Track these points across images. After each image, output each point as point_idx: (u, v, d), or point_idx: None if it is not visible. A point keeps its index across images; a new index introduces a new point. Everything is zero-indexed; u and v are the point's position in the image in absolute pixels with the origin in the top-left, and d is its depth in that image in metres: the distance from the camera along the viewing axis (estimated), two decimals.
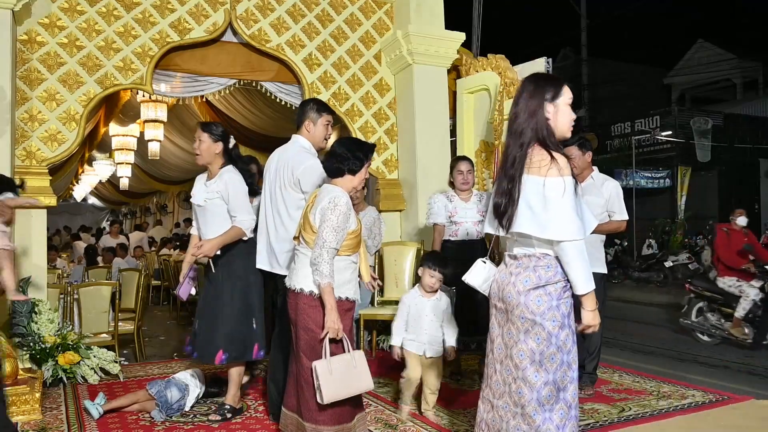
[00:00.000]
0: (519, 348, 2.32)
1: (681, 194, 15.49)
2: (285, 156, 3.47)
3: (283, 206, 3.42)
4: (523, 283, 2.32)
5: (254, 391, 4.22)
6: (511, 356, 2.34)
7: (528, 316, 2.29)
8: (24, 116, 4.51)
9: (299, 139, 3.51)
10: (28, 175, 4.45)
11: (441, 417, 3.59)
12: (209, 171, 3.67)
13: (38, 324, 4.22)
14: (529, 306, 2.29)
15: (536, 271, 2.31)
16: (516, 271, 2.36)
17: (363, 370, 2.81)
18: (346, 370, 2.76)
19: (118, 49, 4.79)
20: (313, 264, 2.77)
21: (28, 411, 3.64)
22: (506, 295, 2.36)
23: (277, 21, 5.29)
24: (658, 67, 25.14)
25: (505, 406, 2.34)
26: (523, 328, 2.31)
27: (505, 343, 2.37)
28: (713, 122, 16.82)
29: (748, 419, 3.66)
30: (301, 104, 3.64)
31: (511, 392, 2.33)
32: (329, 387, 2.71)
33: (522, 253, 2.36)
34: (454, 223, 4.33)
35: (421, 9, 5.50)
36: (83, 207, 20.64)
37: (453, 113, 5.74)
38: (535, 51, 5.40)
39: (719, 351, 6.45)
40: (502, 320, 2.40)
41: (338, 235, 2.77)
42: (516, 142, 2.32)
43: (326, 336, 2.74)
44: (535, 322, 2.28)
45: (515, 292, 2.33)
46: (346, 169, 2.93)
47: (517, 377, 2.32)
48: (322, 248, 2.75)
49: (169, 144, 10.09)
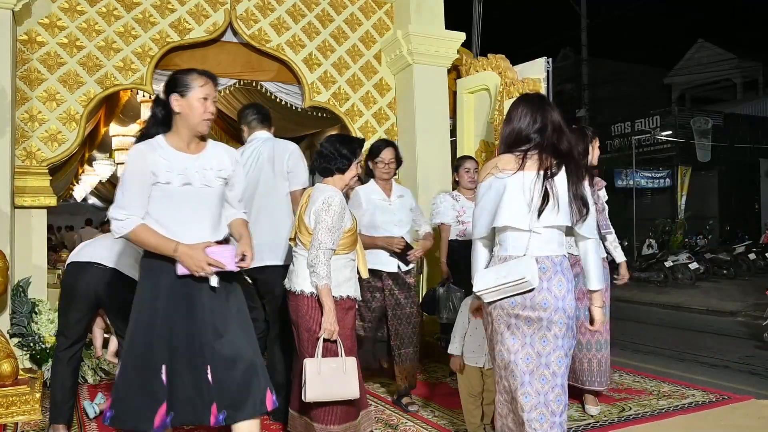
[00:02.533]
0: (557, 354, 2.29)
1: (681, 194, 15.50)
2: (278, 146, 3.53)
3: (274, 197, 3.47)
4: (558, 287, 2.28)
5: None
6: (548, 364, 2.29)
7: (565, 321, 2.29)
8: (24, 116, 4.51)
9: (265, 134, 3.64)
10: (28, 175, 4.45)
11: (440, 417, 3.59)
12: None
13: (38, 324, 4.22)
14: (567, 310, 2.29)
15: (564, 273, 2.31)
16: (546, 276, 2.28)
17: (351, 377, 2.79)
18: (334, 373, 2.75)
19: (118, 49, 4.79)
20: (309, 266, 2.78)
21: (28, 411, 3.65)
22: (540, 302, 2.26)
23: (277, 21, 5.29)
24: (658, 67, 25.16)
25: (540, 418, 2.26)
26: (560, 333, 2.29)
27: (537, 352, 2.29)
28: (713, 122, 16.84)
29: (748, 419, 3.66)
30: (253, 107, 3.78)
31: (548, 402, 2.27)
32: (314, 386, 2.72)
33: (553, 253, 2.31)
34: (462, 222, 4.32)
35: (421, 9, 5.50)
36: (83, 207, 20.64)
37: (453, 113, 5.74)
38: (535, 51, 5.40)
39: (720, 350, 6.46)
40: (532, 329, 2.29)
41: (333, 235, 2.77)
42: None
43: (321, 336, 2.75)
44: (569, 326, 2.31)
45: (552, 297, 2.27)
46: (334, 168, 2.95)
47: (555, 385, 2.28)
48: (318, 250, 2.75)
49: None
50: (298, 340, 2.92)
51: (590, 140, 3.73)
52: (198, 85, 2.43)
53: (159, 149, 2.43)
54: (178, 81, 2.45)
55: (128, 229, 2.37)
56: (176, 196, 2.43)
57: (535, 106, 2.40)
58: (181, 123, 2.46)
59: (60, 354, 3.38)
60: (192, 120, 2.44)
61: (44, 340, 4.20)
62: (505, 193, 2.31)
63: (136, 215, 2.38)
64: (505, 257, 2.34)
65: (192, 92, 2.43)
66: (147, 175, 2.39)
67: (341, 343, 2.80)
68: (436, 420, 3.62)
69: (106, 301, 3.36)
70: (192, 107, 2.42)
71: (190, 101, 2.42)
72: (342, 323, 2.82)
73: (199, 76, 2.46)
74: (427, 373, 4.61)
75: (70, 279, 3.38)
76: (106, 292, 3.33)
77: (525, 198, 2.29)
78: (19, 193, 4.36)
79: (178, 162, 2.44)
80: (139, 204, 2.39)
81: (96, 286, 3.32)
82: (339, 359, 2.78)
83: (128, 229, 2.37)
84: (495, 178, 2.35)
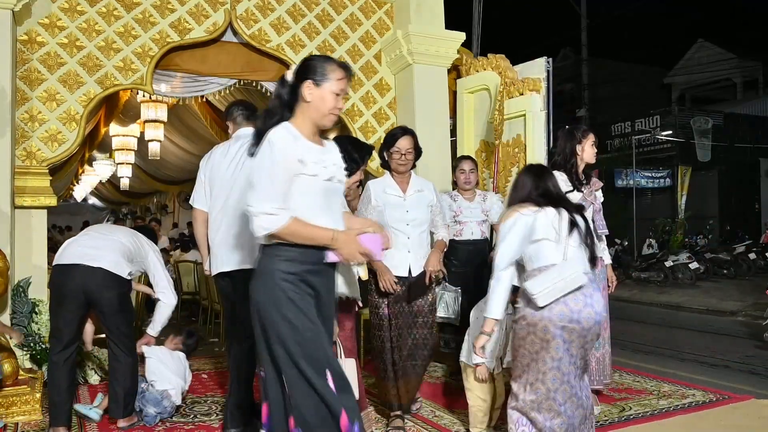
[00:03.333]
0: (588, 358, 2.69)
1: (681, 194, 15.49)
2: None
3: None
4: (599, 302, 2.59)
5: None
6: (580, 366, 2.62)
7: (599, 331, 2.64)
8: (24, 116, 4.51)
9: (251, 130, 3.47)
10: (28, 175, 4.45)
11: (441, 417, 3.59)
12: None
13: (39, 324, 4.22)
14: (602, 323, 2.62)
15: (598, 289, 2.63)
16: (588, 292, 2.56)
17: (350, 378, 2.77)
18: None
19: (118, 49, 4.79)
20: None
21: (28, 411, 3.65)
22: (584, 317, 2.52)
23: (277, 21, 5.29)
24: (658, 66, 25.15)
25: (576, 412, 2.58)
26: (594, 341, 2.63)
27: (577, 357, 2.58)
28: (713, 122, 16.83)
29: (748, 419, 3.66)
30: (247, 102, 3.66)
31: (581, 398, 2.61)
32: None
33: (588, 269, 2.63)
34: (459, 222, 4.32)
35: (421, 9, 5.50)
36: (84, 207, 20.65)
37: (453, 113, 5.74)
38: (535, 51, 5.39)
39: (720, 350, 6.45)
40: (574, 338, 2.53)
41: None
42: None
43: None
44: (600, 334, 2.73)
45: (594, 312, 2.55)
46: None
47: (584, 386, 2.66)
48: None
49: (169, 144, 10.09)
50: None
51: (580, 139, 3.70)
52: (336, 78, 2.27)
53: (298, 138, 2.23)
54: (316, 68, 2.27)
55: (281, 224, 2.12)
56: (319, 190, 2.25)
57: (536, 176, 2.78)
58: (307, 113, 2.27)
59: (55, 357, 3.37)
60: (320, 112, 2.27)
61: (44, 340, 4.20)
62: (536, 221, 2.64)
63: (286, 207, 2.14)
64: (546, 267, 2.58)
65: (328, 83, 2.26)
66: (294, 164, 2.18)
67: (341, 344, 2.80)
68: (436, 420, 3.62)
69: (96, 301, 3.36)
70: (324, 99, 2.26)
71: (324, 92, 2.25)
72: (341, 324, 2.82)
73: (339, 69, 2.29)
74: (427, 373, 4.61)
75: (58, 281, 3.36)
76: (95, 292, 3.33)
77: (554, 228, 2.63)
78: (20, 193, 4.36)
79: (317, 154, 2.27)
80: (285, 195, 2.16)
81: (85, 287, 3.32)
82: (338, 360, 2.78)
83: (281, 223, 2.12)
84: (520, 214, 2.66)
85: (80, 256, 3.36)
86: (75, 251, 3.40)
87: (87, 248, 3.42)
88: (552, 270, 2.55)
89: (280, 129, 2.21)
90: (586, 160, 3.72)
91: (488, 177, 5.29)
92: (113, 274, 3.38)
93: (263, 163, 2.17)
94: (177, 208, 15.76)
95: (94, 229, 3.80)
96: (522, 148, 4.99)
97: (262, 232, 2.13)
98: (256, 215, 2.12)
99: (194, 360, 5.32)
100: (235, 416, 3.31)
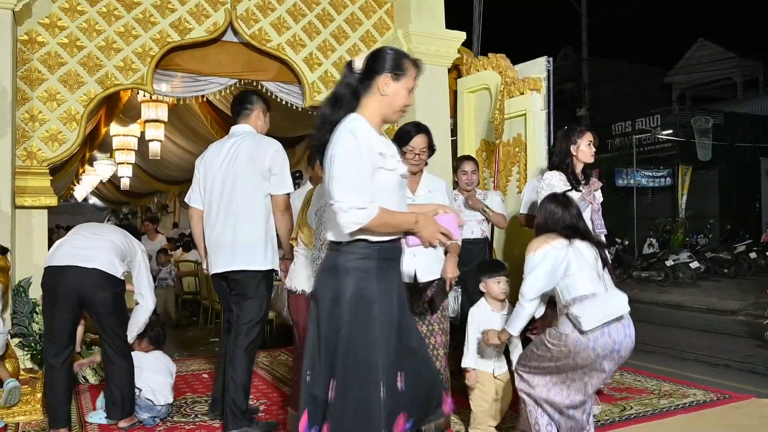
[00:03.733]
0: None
1: (682, 193, 15.49)
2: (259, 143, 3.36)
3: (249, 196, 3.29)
4: (633, 330, 2.77)
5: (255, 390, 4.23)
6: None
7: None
8: (24, 116, 4.50)
9: (246, 127, 3.43)
10: (28, 175, 4.45)
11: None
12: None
13: (39, 324, 4.22)
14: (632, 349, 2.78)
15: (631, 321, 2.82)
16: (627, 322, 2.74)
17: None
18: None
19: (118, 49, 4.79)
20: (313, 264, 2.77)
21: (29, 411, 3.65)
22: (625, 347, 2.69)
23: (278, 21, 5.29)
24: (658, 66, 25.13)
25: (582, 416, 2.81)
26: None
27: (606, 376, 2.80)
28: (714, 121, 16.82)
29: (749, 418, 3.66)
30: (247, 93, 3.57)
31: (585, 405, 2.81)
32: None
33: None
34: None
35: (422, 8, 5.49)
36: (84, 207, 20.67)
37: (454, 112, 5.73)
38: (536, 50, 5.38)
39: (720, 349, 6.45)
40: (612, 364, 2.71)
41: None
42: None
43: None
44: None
45: (632, 341, 2.73)
46: None
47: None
48: (320, 250, 2.74)
49: (169, 144, 10.09)
50: (298, 339, 2.92)
51: (575, 139, 3.67)
52: (412, 76, 2.21)
53: (372, 130, 2.14)
54: (397, 62, 2.18)
55: (372, 216, 2.01)
56: (395, 185, 2.18)
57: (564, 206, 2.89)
58: (379, 105, 2.18)
59: (51, 360, 3.32)
60: (393, 107, 2.19)
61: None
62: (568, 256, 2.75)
63: (374, 200, 2.03)
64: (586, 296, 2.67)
65: (405, 79, 2.19)
66: (376, 157, 2.09)
67: None
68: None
69: (90, 302, 3.32)
70: (398, 95, 2.18)
71: (399, 88, 2.17)
72: None
73: (414, 66, 2.21)
74: None
75: (51, 283, 3.29)
76: (90, 293, 3.29)
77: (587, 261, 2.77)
78: (20, 193, 4.36)
79: (391, 148, 2.20)
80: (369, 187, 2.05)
81: (79, 288, 3.26)
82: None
83: (372, 216, 2.01)
84: (552, 248, 2.75)
85: (73, 257, 3.29)
86: (67, 251, 3.34)
87: (79, 249, 3.35)
88: (598, 298, 2.68)
89: (360, 121, 2.12)
90: (583, 159, 3.69)
91: (489, 176, 5.30)
92: (107, 275, 3.33)
93: (348, 155, 2.04)
94: (177, 208, 15.76)
95: (85, 228, 3.66)
96: (522, 148, 4.99)
97: (352, 228, 2.01)
98: (345, 210, 2.00)
99: (194, 360, 5.33)
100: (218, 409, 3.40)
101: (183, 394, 4.23)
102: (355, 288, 2.06)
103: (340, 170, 2.03)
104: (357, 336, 2.05)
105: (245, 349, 3.25)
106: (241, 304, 3.31)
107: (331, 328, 2.09)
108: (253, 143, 3.34)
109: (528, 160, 4.92)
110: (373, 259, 2.09)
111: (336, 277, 2.10)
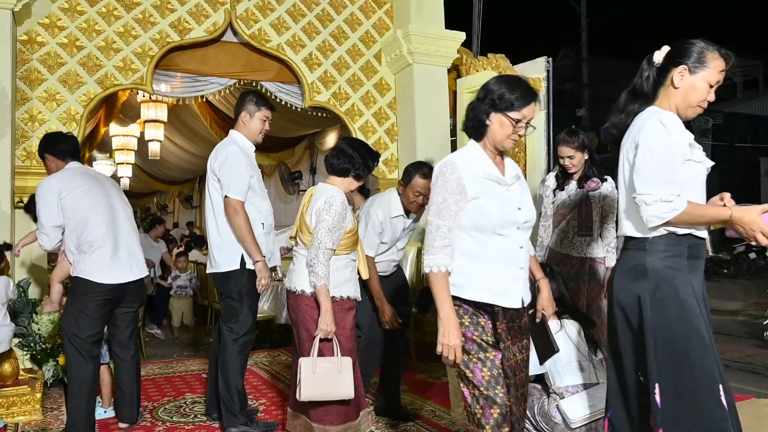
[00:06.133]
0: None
1: None
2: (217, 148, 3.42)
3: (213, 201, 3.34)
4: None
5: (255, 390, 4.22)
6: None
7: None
8: (24, 116, 4.51)
9: (232, 134, 3.44)
10: (28, 175, 4.45)
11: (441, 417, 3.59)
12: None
13: (39, 324, 4.22)
14: None
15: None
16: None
17: (346, 377, 2.77)
18: (329, 373, 2.75)
19: (118, 49, 4.79)
20: (309, 265, 2.78)
21: (28, 411, 3.65)
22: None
23: (278, 21, 5.29)
24: None
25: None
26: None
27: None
28: (713, 121, 16.81)
29: (749, 418, 3.65)
30: (241, 96, 3.54)
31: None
32: (309, 386, 2.72)
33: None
34: None
35: (422, 8, 5.50)
36: None
37: (453, 112, 5.74)
38: (535, 50, 5.39)
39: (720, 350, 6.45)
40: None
41: (334, 235, 2.77)
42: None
43: (317, 336, 2.75)
44: None
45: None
46: (353, 174, 2.94)
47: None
48: (318, 249, 2.75)
49: (169, 144, 10.10)
50: (297, 339, 2.92)
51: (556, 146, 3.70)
52: (717, 69, 2.00)
53: (680, 122, 2.02)
54: (697, 54, 2.00)
55: (679, 211, 1.93)
56: (702, 179, 2.09)
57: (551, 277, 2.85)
58: (673, 99, 2.05)
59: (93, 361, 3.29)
60: (687, 101, 2.03)
61: (45, 340, 4.20)
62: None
63: (681, 193, 1.95)
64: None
65: (703, 72, 2.00)
66: (686, 148, 1.99)
67: (339, 343, 2.80)
68: (437, 420, 3.62)
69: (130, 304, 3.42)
70: (695, 88, 2.01)
71: (697, 80, 2.00)
72: (341, 324, 2.82)
73: (721, 58, 2.01)
74: (427, 373, 4.61)
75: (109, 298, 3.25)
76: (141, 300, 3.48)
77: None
78: (20, 193, 4.36)
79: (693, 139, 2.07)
80: (677, 180, 1.96)
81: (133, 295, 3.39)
82: (334, 359, 2.78)
83: (678, 210, 1.93)
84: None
85: (130, 269, 3.31)
86: (124, 266, 3.29)
87: (138, 255, 3.41)
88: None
89: (666, 113, 2.01)
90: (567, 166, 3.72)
91: None
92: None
93: (658, 146, 1.94)
94: (177, 208, 15.76)
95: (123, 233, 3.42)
96: (522, 148, 5.00)
97: (657, 222, 1.94)
98: (649, 204, 1.92)
99: (194, 360, 5.33)
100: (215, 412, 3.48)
101: (183, 394, 4.23)
102: (669, 288, 2.00)
103: (647, 161, 1.95)
104: (687, 337, 1.99)
105: (229, 347, 3.32)
106: (221, 304, 3.47)
107: (654, 328, 2.01)
108: (215, 150, 3.41)
109: (528, 160, 4.92)
110: (683, 257, 2.02)
111: (645, 278, 2.02)
